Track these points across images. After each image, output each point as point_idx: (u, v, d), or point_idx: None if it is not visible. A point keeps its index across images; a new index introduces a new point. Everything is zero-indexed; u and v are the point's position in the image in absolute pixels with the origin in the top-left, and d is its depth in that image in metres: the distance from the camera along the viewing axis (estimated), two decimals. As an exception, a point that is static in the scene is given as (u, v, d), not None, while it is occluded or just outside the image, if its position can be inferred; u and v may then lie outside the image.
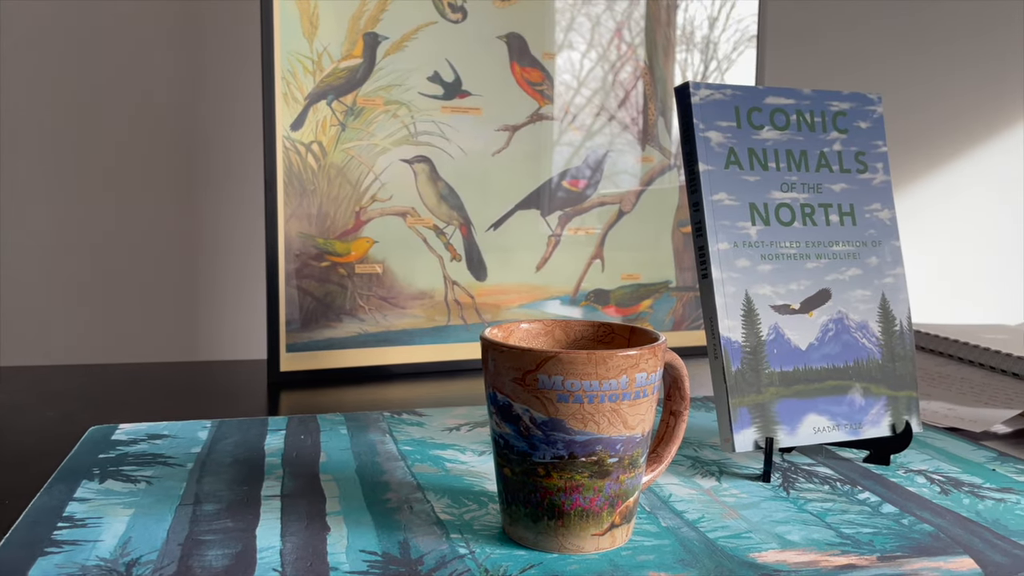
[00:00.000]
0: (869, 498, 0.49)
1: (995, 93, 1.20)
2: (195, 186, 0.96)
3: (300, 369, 0.76)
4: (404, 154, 0.78)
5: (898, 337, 0.56)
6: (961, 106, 1.19)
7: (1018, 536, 0.44)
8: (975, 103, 1.20)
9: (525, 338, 0.47)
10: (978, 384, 0.71)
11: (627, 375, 0.40)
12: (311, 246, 0.76)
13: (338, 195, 0.77)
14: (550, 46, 0.83)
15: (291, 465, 0.53)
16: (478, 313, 0.82)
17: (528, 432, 0.40)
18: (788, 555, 0.41)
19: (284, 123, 0.74)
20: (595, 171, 0.85)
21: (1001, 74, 1.20)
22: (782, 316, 0.54)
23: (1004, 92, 1.21)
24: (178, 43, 0.93)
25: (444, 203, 0.80)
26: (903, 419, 0.55)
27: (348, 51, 0.76)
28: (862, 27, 1.14)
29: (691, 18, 0.88)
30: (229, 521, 0.44)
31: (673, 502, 0.48)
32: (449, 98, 0.80)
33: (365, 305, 0.78)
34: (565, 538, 0.41)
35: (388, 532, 0.43)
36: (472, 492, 0.49)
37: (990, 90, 1.20)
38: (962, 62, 1.18)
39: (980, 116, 1.20)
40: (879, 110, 0.59)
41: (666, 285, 0.89)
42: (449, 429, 0.61)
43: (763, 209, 0.54)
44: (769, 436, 0.52)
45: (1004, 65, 1.20)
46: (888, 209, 0.58)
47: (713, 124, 0.54)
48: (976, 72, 1.19)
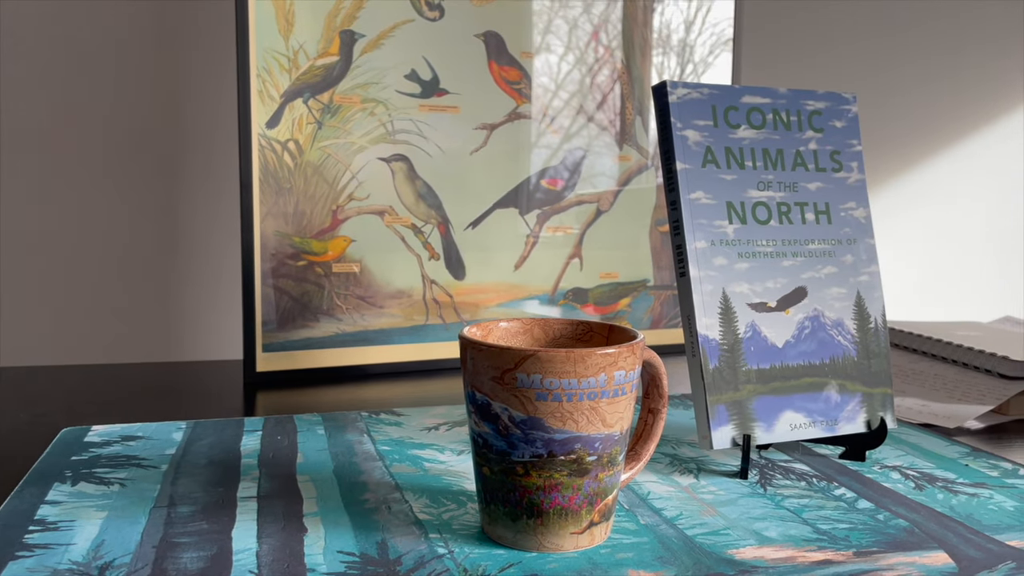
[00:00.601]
0: (845, 494, 0.49)
1: (967, 94, 1.22)
2: (170, 185, 0.95)
3: (277, 369, 0.75)
4: (381, 152, 0.78)
5: (873, 334, 0.57)
6: (934, 106, 1.21)
7: (991, 531, 0.44)
8: (948, 103, 1.21)
9: (504, 337, 0.47)
10: (951, 381, 0.72)
11: (605, 373, 0.40)
12: (287, 245, 0.75)
13: (315, 194, 0.76)
14: (528, 45, 0.83)
15: (267, 466, 0.52)
16: (456, 312, 0.82)
17: (507, 431, 0.40)
18: (766, 551, 0.42)
19: (260, 121, 0.73)
20: (573, 173, 0.85)
21: (973, 75, 1.22)
22: (759, 314, 0.54)
23: (976, 92, 1.22)
24: (152, 40, 0.92)
25: (422, 202, 0.80)
26: (878, 415, 0.56)
27: (324, 49, 0.75)
28: (836, 31, 1.15)
29: (667, 21, 0.88)
30: (204, 523, 0.43)
31: (651, 499, 0.48)
32: (427, 96, 0.79)
33: (342, 304, 0.78)
34: (544, 537, 0.41)
35: (366, 533, 0.43)
36: (451, 492, 0.49)
37: (962, 91, 1.22)
38: (935, 63, 1.20)
39: (953, 116, 1.22)
40: (854, 109, 0.59)
41: (644, 284, 0.89)
42: (427, 429, 0.61)
43: (740, 208, 0.55)
44: (746, 433, 0.52)
45: (976, 66, 1.22)
46: (863, 207, 0.58)
47: (690, 123, 0.54)
48: (949, 73, 1.21)
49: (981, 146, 1.24)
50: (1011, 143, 1.25)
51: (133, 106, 0.93)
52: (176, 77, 0.94)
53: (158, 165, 0.94)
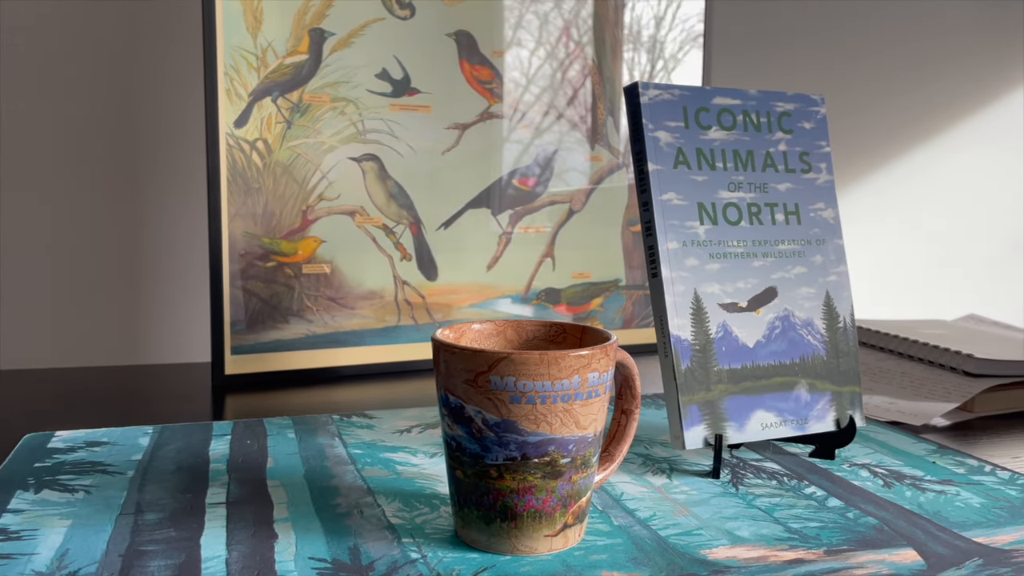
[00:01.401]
0: (815, 492, 0.50)
1: (933, 95, 1.24)
2: (136, 185, 0.93)
3: (246, 372, 0.74)
4: (352, 152, 0.77)
5: (842, 334, 0.58)
6: (901, 107, 1.23)
7: (959, 528, 0.45)
8: (915, 104, 1.23)
9: (477, 339, 0.46)
10: (917, 378, 0.73)
11: (579, 375, 0.40)
12: (256, 246, 0.74)
13: (284, 194, 0.75)
14: (499, 44, 0.83)
15: (237, 471, 0.51)
16: (429, 313, 0.81)
17: (480, 434, 0.40)
18: (738, 551, 0.42)
19: (227, 120, 0.72)
20: (544, 169, 0.85)
21: (939, 76, 1.24)
22: (730, 314, 0.54)
23: (942, 94, 1.24)
24: (117, 37, 0.91)
25: (393, 202, 0.79)
26: (847, 414, 0.57)
27: (293, 47, 0.74)
28: (806, 25, 1.17)
29: (638, 17, 0.89)
30: (172, 530, 0.43)
31: (625, 500, 0.48)
32: (398, 96, 0.79)
33: (313, 306, 0.77)
34: (518, 540, 0.41)
35: (338, 538, 0.42)
36: (424, 495, 0.48)
37: (929, 92, 1.24)
38: (902, 64, 1.22)
39: (920, 117, 1.24)
40: (822, 111, 0.60)
41: (616, 283, 0.89)
42: (400, 431, 0.60)
43: (711, 208, 0.55)
44: (718, 433, 0.52)
45: (942, 67, 1.24)
46: (831, 208, 0.59)
47: (662, 124, 0.55)
48: (915, 74, 1.22)
49: (947, 145, 1.26)
50: (976, 145, 1.27)
51: (97, 104, 0.91)
52: (142, 75, 0.92)
53: (123, 164, 0.93)
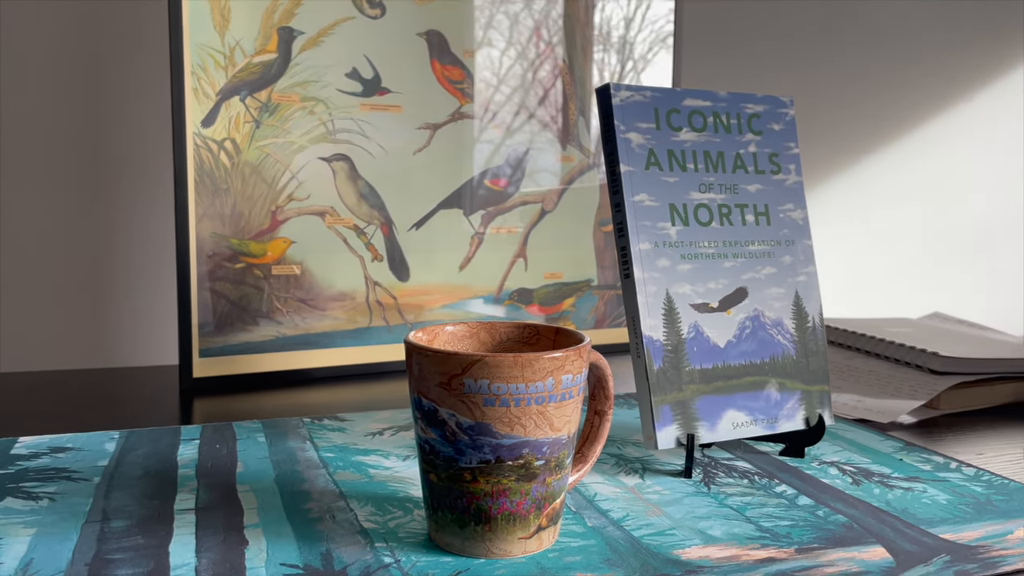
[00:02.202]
0: (786, 491, 0.50)
1: (899, 97, 1.26)
2: (102, 185, 0.91)
3: (214, 375, 0.73)
4: (322, 152, 0.77)
5: (811, 333, 0.58)
6: (868, 109, 1.24)
7: (926, 524, 0.46)
8: (883, 105, 1.25)
9: (450, 341, 0.46)
10: (884, 376, 0.75)
11: (553, 377, 0.40)
12: (225, 247, 0.73)
13: (253, 194, 0.74)
14: (470, 44, 0.82)
15: (206, 476, 0.51)
16: (401, 314, 0.81)
17: (454, 437, 0.40)
18: (710, 550, 0.42)
19: (195, 119, 0.71)
20: (516, 169, 0.85)
21: (904, 78, 1.26)
22: (701, 315, 0.55)
23: (908, 96, 1.26)
24: (82, 35, 0.89)
25: (364, 202, 0.79)
26: (816, 412, 0.57)
27: (262, 46, 0.74)
28: (774, 27, 1.18)
29: (607, 18, 0.89)
30: (140, 538, 0.42)
31: (598, 501, 0.48)
32: (368, 95, 0.78)
33: (283, 307, 0.76)
34: (492, 543, 0.41)
35: (309, 543, 0.42)
36: (397, 498, 0.48)
37: (897, 93, 1.26)
38: (869, 66, 1.23)
39: (887, 118, 1.26)
40: (791, 112, 0.61)
41: (588, 284, 0.89)
42: (372, 434, 0.60)
43: (682, 210, 0.55)
44: (690, 433, 0.53)
45: (908, 70, 1.26)
46: (800, 209, 0.60)
47: (633, 125, 0.55)
48: (881, 76, 1.24)
49: (913, 146, 1.28)
50: (941, 146, 1.29)
51: (62, 103, 0.89)
52: (108, 74, 0.90)
53: (89, 164, 0.91)
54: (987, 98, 1.31)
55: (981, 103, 1.31)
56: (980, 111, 1.31)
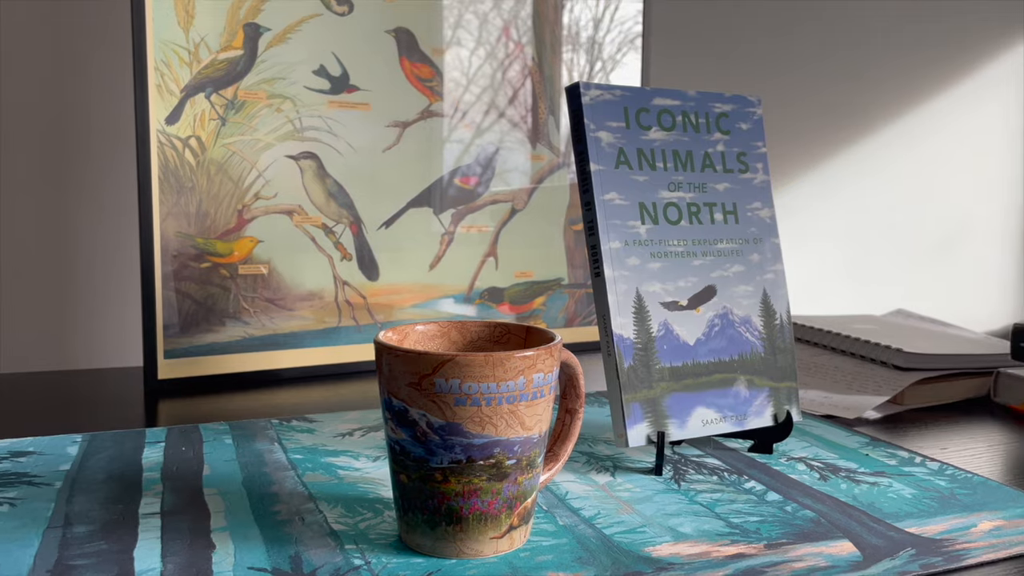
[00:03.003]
0: (755, 487, 0.51)
1: (868, 96, 1.28)
2: (62, 183, 0.89)
3: (180, 376, 0.72)
4: (289, 150, 0.76)
5: (779, 330, 0.59)
6: (835, 108, 1.26)
7: (891, 518, 0.46)
8: (849, 105, 1.27)
9: (421, 340, 0.46)
10: (850, 372, 0.76)
11: (524, 376, 0.39)
12: (190, 246, 0.72)
13: (219, 193, 0.73)
14: (439, 42, 0.82)
15: (171, 479, 0.50)
16: (370, 313, 0.80)
17: (425, 437, 0.39)
18: (681, 547, 0.42)
19: (158, 116, 0.70)
20: (486, 168, 0.85)
21: (873, 78, 1.28)
22: (671, 312, 0.55)
23: (876, 95, 1.28)
24: (43, 31, 0.87)
25: (333, 201, 0.78)
26: (784, 409, 0.58)
27: (227, 42, 0.73)
28: (742, 27, 1.19)
29: (576, 18, 0.89)
30: (103, 543, 0.41)
31: (570, 500, 0.48)
32: (336, 93, 0.77)
33: (250, 307, 0.75)
34: (463, 543, 0.40)
35: (278, 546, 0.41)
36: (367, 500, 0.47)
37: (863, 93, 1.27)
38: (834, 66, 1.25)
39: (853, 118, 1.28)
40: (759, 112, 0.61)
41: (558, 282, 0.89)
42: (342, 435, 0.59)
43: (652, 208, 0.56)
44: (660, 430, 0.53)
45: (871, 70, 1.27)
46: (768, 208, 0.60)
47: (603, 124, 0.55)
48: (850, 75, 1.26)
49: (878, 146, 1.30)
50: (904, 146, 1.32)
51: (22, 99, 0.87)
52: (69, 70, 0.88)
53: (50, 162, 0.89)
54: (952, 98, 1.34)
55: (945, 103, 1.33)
56: (945, 111, 1.33)
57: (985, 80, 1.36)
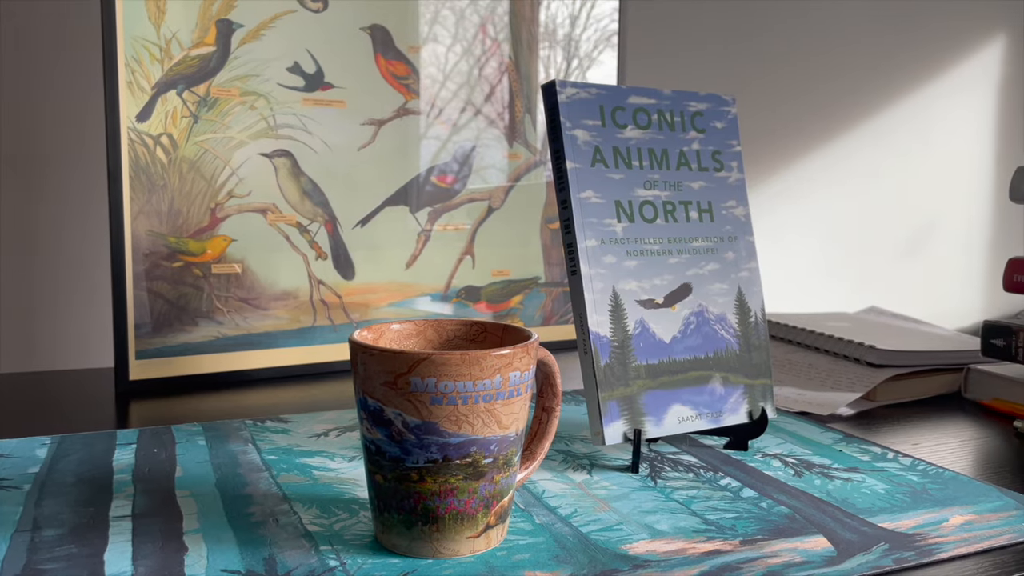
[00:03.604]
0: (730, 483, 0.51)
1: (841, 95, 1.29)
2: (31, 181, 0.88)
3: (152, 377, 0.71)
4: (263, 148, 0.75)
5: (753, 328, 0.59)
6: (809, 107, 1.27)
7: (865, 514, 0.47)
8: (822, 104, 1.28)
9: (396, 339, 0.46)
10: (824, 369, 0.76)
11: (501, 375, 0.39)
12: (162, 245, 0.71)
13: (191, 191, 0.72)
14: (415, 39, 0.82)
15: (143, 482, 0.49)
16: (346, 313, 0.80)
17: (401, 437, 0.39)
18: (657, 544, 0.42)
19: (129, 113, 0.69)
20: (463, 166, 0.85)
21: (846, 77, 1.29)
22: (647, 310, 0.55)
23: (850, 95, 1.30)
24: (11, 26, 0.85)
25: (307, 199, 0.77)
26: (759, 406, 0.58)
27: (200, 38, 0.72)
28: (717, 26, 1.19)
29: (553, 16, 0.89)
30: (73, 547, 0.40)
31: (546, 498, 0.48)
32: (311, 90, 0.77)
33: (223, 307, 0.74)
34: (440, 543, 0.40)
35: (252, 548, 0.41)
36: (342, 500, 0.47)
37: (837, 92, 1.29)
38: (808, 65, 1.26)
39: (827, 116, 1.29)
40: (733, 111, 0.61)
41: (535, 281, 0.89)
42: (317, 435, 0.59)
43: (628, 206, 0.56)
44: (637, 428, 0.53)
45: (844, 68, 1.29)
46: (743, 206, 0.61)
47: (579, 122, 0.55)
48: (823, 75, 1.27)
49: (851, 145, 1.31)
50: (876, 144, 1.33)
51: (-16, 95, 0.85)
52: (39, 67, 0.87)
53: (19, 159, 0.87)
54: (923, 99, 1.35)
55: (917, 104, 1.35)
56: (916, 111, 1.35)
57: (956, 82, 1.38)
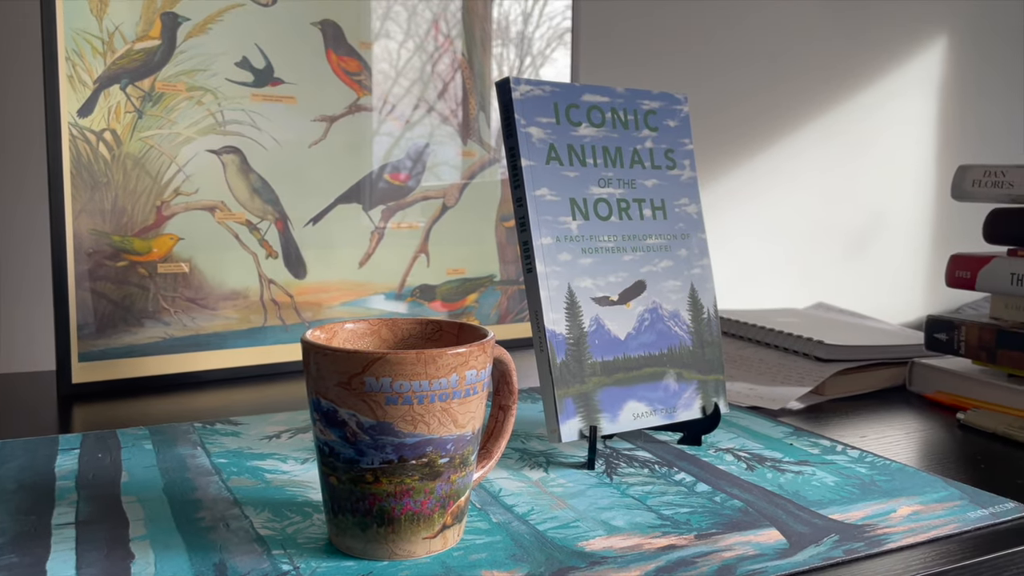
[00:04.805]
0: (685, 478, 0.52)
1: (790, 94, 1.31)
2: (-38, 177, 0.85)
3: (96, 380, 0.69)
4: (211, 144, 0.73)
5: (706, 324, 0.60)
6: (759, 105, 1.29)
7: (816, 506, 0.48)
8: (772, 103, 1.30)
9: (350, 339, 0.45)
10: (774, 364, 0.77)
11: (457, 373, 0.39)
12: (106, 244, 0.69)
13: (136, 188, 0.70)
14: (366, 35, 0.81)
15: (87, 488, 0.48)
16: (298, 312, 0.78)
17: (355, 438, 0.39)
18: (614, 541, 0.43)
19: (70, 109, 0.67)
20: (416, 163, 0.84)
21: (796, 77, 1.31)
22: (602, 308, 0.55)
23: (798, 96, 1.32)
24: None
25: (257, 197, 0.76)
26: (712, 401, 0.59)
27: (144, 31, 0.70)
28: (670, 25, 1.21)
29: (505, 13, 0.89)
30: (14, 556, 0.39)
31: (503, 496, 0.48)
32: (260, 85, 0.75)
33: (170, 307, 0.72)
34: (396, 544, 0.40)
35: (202, 554, 0.40)
36: (295, 503, 0.46)
37: (786, 92, 1.31)
38: (758, 64, 1.28)
39: (777, 115, 1.31)
40: (685, 109, 0.62)
41: (491, 279, 0.89)
42: (268, 437, 0.58)
43: (583, 204, 0.56)
44: (593, 424, 0.53)
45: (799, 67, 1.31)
46: (695, 204, 0.61)
47: (534, 120, 0.55)
48: (774, 74, 1.29)
49: (798, 146, 1.34)
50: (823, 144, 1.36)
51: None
52: (-32, 56, 0.84)
53: (-52, 155, 0.84)
54: (868, 100, 1.38)
55: (862, 105, 1.38)
56: (861, 112, 1.38)
57: (900, 84, 1.42)
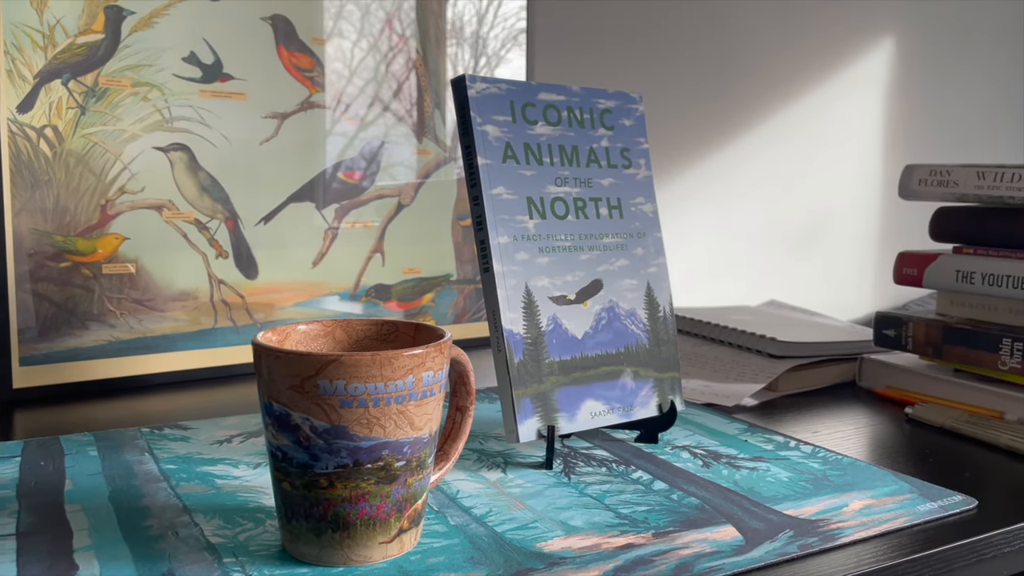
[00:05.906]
0: (642, 476, 0.52)
1: (741, 96, 1.33)
2: None
3: (37, 384, 0.67)
4: (158, 141, 0.71)
5: (662, 322, 0.60)
6: (711, 105, 1.31)
7: (770, 502, 0.48)
8: (724, 103, 1.32)
9: (303, 341, 0.44)
10: (728, 362, 0.78)
11: (413, 375, 0.38)
12: (47, 244, 0.67)
13: (79, 187, 0.68)
14: (319, 31, 0.79)
15: (29, 497, 0.46)
16: (249, 313, 0.77)
17: (308, 442, 0.38)
18: (572, 541, 0.42)
19: (9, 104, 0.65)
20: (371, 162, 0.83)
21: (747, 78, 1.33)
22: (560, 307, 0.55)
23: (749, 95, 1.34)
24: None
25: (206, 195, 0.74)
26: (668, 399, 0.59)
27: (87, 25, 0.68)
28: (624, 25, 1.21)
29: (460, 13, 0.88)
30: (-53, 572, 0.37)
31: (461, 498, 0.48)
32: (208, 81, 0.73)
33: (116, 309, 0.70)
34: (351, 549, 0.39)
35: (150, 564, 0.39)
36: (247, 509, 0.45)
37: (740, 92, 1.33)
38: (712, 64, 1.29)
39: (728, 115, 1.33)
40: (641, 108, 0.62)
41: (447, 278, 0.89)
42: (219, 442, 0.56)
43: (539, 203, 0.55)
44: (550, 424, 0.53)
45: (747, 67, 1.33)
46: (651, 203, 0.61)
47: (490, 118, 0.54)
48: (726, 74, 1.31)
49: (753, 145, 1.36)
50: (777, 143, 1.38)
51: None
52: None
53: None
54: (816, 99, 1.41)
55: (810, 103, 1.41)
56: (810, 111, 1.41)
57: (847, 82, 1.45)
